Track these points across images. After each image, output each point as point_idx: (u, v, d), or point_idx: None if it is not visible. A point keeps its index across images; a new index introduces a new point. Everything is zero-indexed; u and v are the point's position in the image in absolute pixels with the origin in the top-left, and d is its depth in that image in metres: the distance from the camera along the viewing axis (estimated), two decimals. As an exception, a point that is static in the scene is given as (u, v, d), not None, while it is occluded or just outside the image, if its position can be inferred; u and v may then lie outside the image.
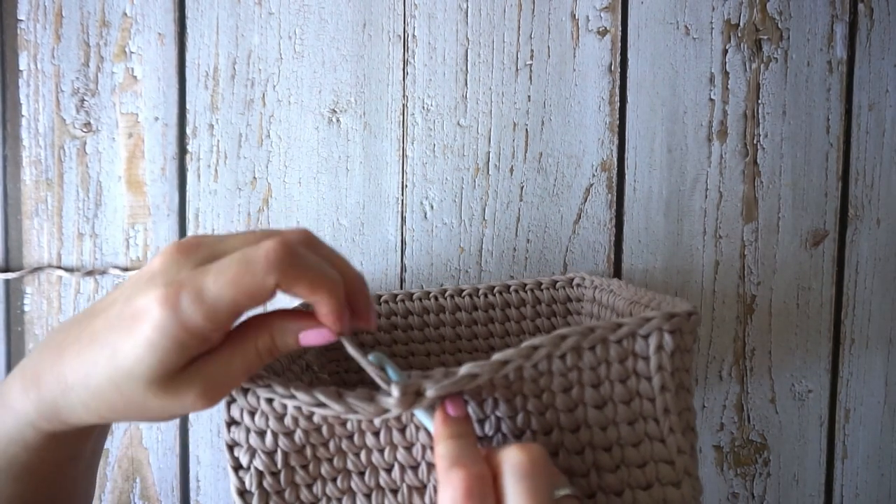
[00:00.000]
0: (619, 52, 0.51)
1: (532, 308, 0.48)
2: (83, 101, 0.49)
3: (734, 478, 0.53)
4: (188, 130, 0.50)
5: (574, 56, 0.51)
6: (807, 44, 0.52)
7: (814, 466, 0.53)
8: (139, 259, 0.50)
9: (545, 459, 0.25)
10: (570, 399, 0.29)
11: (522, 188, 0.51)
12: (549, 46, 0.51)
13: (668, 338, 0.29)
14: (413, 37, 0.50)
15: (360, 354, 0.27)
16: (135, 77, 0.49)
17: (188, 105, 0.50)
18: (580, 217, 0.52)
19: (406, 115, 0.51)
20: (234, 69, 0.50)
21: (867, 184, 0.53)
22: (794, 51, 0.52)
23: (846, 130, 0.53)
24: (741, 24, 0.52)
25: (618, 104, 0.51)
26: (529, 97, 0.51)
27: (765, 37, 0.52)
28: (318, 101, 0.50)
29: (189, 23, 0.50)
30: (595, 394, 0.29)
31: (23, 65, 0.49)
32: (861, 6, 0.52)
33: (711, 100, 0.52)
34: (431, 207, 0.51)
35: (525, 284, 0.48)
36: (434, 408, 0.28)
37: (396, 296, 0.47)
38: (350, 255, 0.51)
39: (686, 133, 0.52)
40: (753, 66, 0.52)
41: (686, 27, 0.51)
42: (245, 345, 0.27)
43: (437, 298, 0.47)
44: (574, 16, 0.51)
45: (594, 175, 0.51)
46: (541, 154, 0.51)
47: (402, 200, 0.51)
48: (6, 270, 0.49)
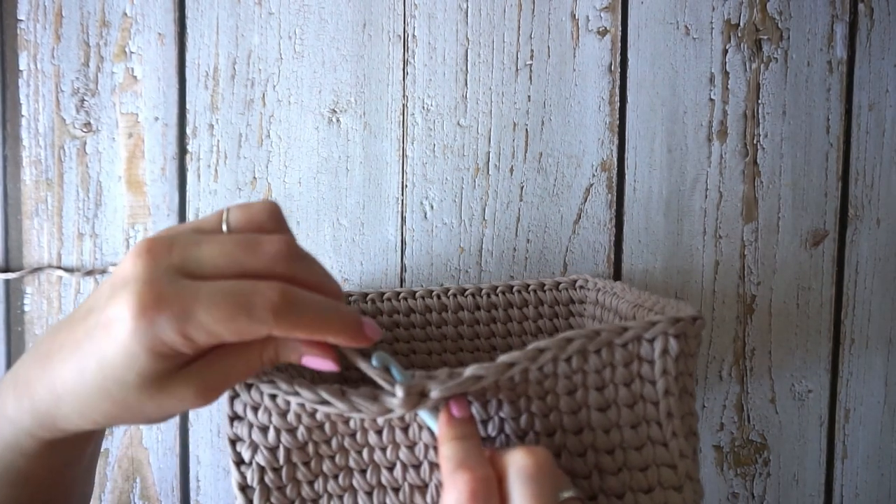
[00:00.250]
0: (619, 52, 0.51)
1: (534, 309, 0.48)
2: (83, 101, 0.49)
3: (734, 478, 0.53)
4: (188, 130, 0.50)
5: (574, 56, 0.51)
6: (807, 44, 0.52)
7: (814, 466, 0.54)
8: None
9: (550, 462, 0.26)
10: (574, 401, 0.29)
11: (522, 188, 0.51)
12: (549, 46, 0.51)
13: (673, 342, 0.29)
14: (413, 37, 0.50)
15: (364, 361, 0.27)
16: (135, 77, 0.49)
17: (188, 105, 0.50)
18: (580, 217, 0.52)
19: (406, 115, 0.51)
20: (234, 69, 0.50)
21: (867, 184, 0.53)
22: (794, 51, 0.52)
23: (846, 130, 0.53)
24: (741, 24, 0.52)
25: (618, 104, 0.51)
26: (529, 97, 0.51)
27: (765, 37, 0.52)
28: (318, 101, 0.50)
29: (189, 23, 0.50)
30: (599, 397, 0.29)
31: (23, 65, 0.49)
32: (861, 6, 0.52)
33: (711, 100, 0.52)
34: (431, 207, 0.51)
35: (528, 285, 0.48)
36: (438, 408, 0.28)
37: (399, 294, 0.47)
38: (350, 255, 0.51)
39: (686, 133, 0.52)
40: (753, 66, 0.52)
41: (686, 27, 0.51)
42: (249, 352, 0.26)
43: (440, 297, 0.47)
44: (574, 16, 0.51)
45: (594, 175, 0.51)
46: (541, 154, 0.51)
47: (402, 200, 0.51)
48: (6, 270, 0.49)
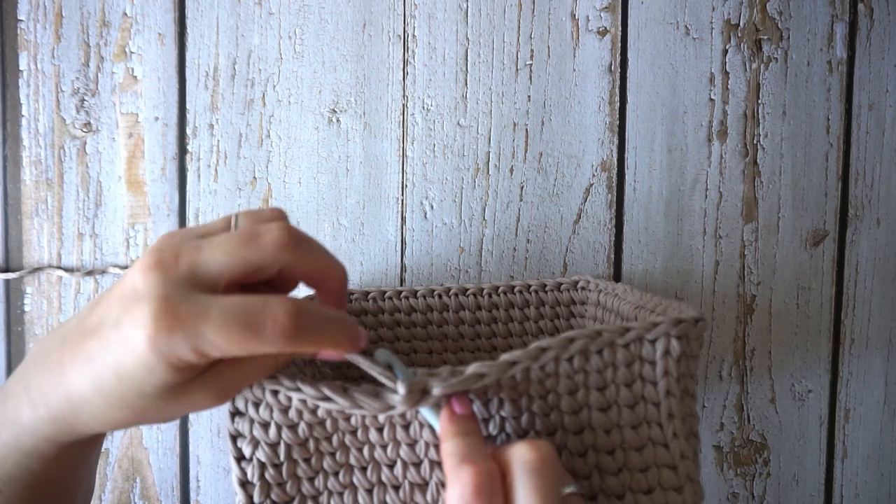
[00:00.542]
0: (619, 52, 0.51)
1: (535, 310, 0.48)
2: (83, 101, 0.49)
3: (734, 478, 0.53)
4: (188, 130, 0.50)
5: (574, 56, 0.51)
6: (807, 44, 0.52)
7: (814, 466, 0.54)
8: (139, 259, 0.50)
9: (554, 456, 0.26)
10: (576, 401, 0.29)
11: (522, 188, 0.51)
12: (549, 46, 0.51)
13: (676, 343, 0.29)
14: (413, 37, 0.50)
15: (366, 359, 0.27)
16: (135, 77, 0.49)
17: (188, 105, 0.50)
18: (580, 217, 0.52)
19: (406, 115, 0.51)
20: (234, 69, 0.50)
21: (867, 184, 0.53)
22: (794, 51, 0.52)
23: (846, 130, 0.53)
24: (741, 24, 0.52)
25: (618, 104, 0.51)
26: (529, 97, 0.51)
27: (765, 37, 0.52)
28: (318, 101, 0.50)
29: (189, 23, 0.50)
30: (600, 397, 0.29)
31: (23, 65, 0.49)
32: (861, 6, 0.52)
33: (711, 100, 0.52)
34: (431, 207, 0.51)
35: (529, 286, 0.48)
36: (439, 406, 0.28)
37: (401, 292, 0.47)
38: (350, 255, 0.51)
39: (686, 133, 0.52)
40: (753, 66, 0.52)
41: (686, 27, 0.51)
42: (264, 357, 0.27)
43: (441, 296, 0.47)
44: (574, 16, 0.51)
45: (594, 175, 0.51)
46: (541, 154, 0.51)
47: (402, 200, 0.51)
48: (6, 270, 0.49)
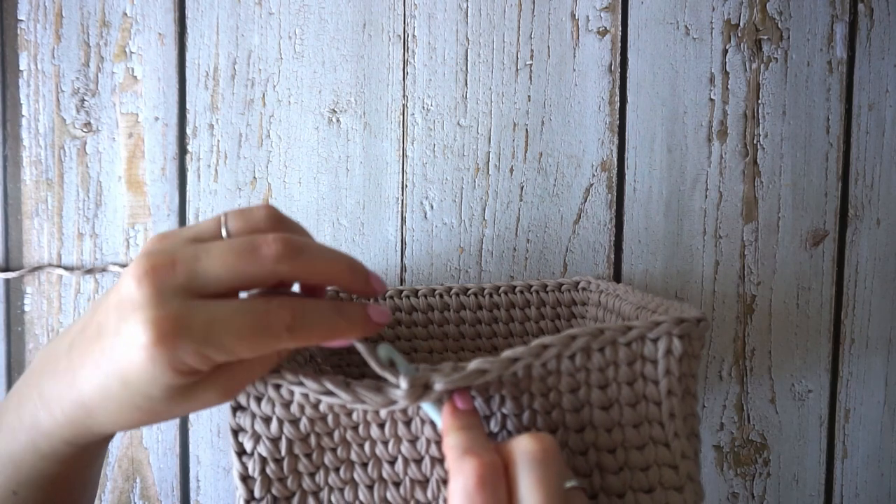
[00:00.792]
0: (619, 52, 0.51)
1: (536, 310, 0.48)
2: (83, 101, 0.49)
3: (734, 478, 0.53)
4: (188, 130, 0.50)
5: (574, 56, 0.51)
6: (807, 44, 0.52)
7: (814, 466, 0.54)
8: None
9: (556, 449, 0.26)
10: (577, 399, 0.29)
11: (522, 188, 0.51)
12: (549, 46, 0.51)
13: (678, 342, 0.29)
14: (413, 37, 0.50)
15: (370, 353, 0.28)
16: (135, 77, 0.49)
17: (188, 105, 0.50)
18: (580, 217, 0.52)
19: (406, 115, 0.51)
20: (234, 69, 0.50)
21: (867, 184, 0.53)
22: (794, 51, 0.52)
23: (846, 130, 0.53)
24: (741, 24, 0.52)
25: (618, 104, 0.51)
26: (529, 97, 0.51)
27: (765, 37, 0.52)
28: (318, 101, 0.50)
29: (189, 23, 0.50)
30: (602, 395, 0.29)
31: (23, 65, 0.49)
32: (861, 6, 0.52)
33: (711, 100, 0.52)
34: (431, 207, 0.51)
35: (530, 286, 0.48)
36: (441, 402, 0.28)
37: (402, 292, 0.47)
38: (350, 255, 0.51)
39: (686, 133, 0.52)
40: (753, 66, 0.52)
41: (686, 27, 0.51)
42: (269, 354, 0.27)
43: (443, 296, 0.47)
44: (574, 16, 0.51)
45: (594, 175, 0.51)
46: (541, 154, 0.51)
47: (402, 200, 0.51)
48: (6, 270, 0.49)
